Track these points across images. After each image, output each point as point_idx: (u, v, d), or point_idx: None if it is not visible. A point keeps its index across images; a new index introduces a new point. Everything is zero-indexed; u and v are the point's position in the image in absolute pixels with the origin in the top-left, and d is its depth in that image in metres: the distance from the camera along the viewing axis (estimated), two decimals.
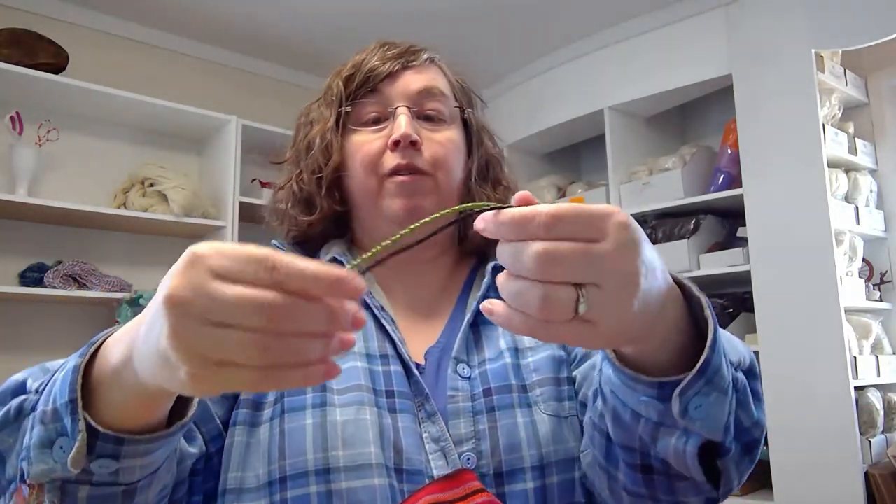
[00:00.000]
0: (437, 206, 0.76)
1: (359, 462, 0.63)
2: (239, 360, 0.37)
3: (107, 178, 2.68)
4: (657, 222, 2.71)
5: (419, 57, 0.81)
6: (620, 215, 0.42)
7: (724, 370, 0.50)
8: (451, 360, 0.71)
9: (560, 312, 0.41)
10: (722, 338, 0.54)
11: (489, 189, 0.83)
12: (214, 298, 0.36)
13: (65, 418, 0.47)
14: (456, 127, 0.81)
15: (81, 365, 0.48)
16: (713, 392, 0.49)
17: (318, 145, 0.79)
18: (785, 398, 2.23)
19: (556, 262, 0.40)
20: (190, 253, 0.38)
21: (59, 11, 2.70)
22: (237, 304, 0.36)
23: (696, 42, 2.62)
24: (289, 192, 0.82)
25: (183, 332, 0.37)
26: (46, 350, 2.52)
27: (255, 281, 0.36)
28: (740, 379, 0.54)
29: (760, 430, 0.57)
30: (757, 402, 0.57)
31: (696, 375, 0.48)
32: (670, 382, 0.49)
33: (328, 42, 2.97)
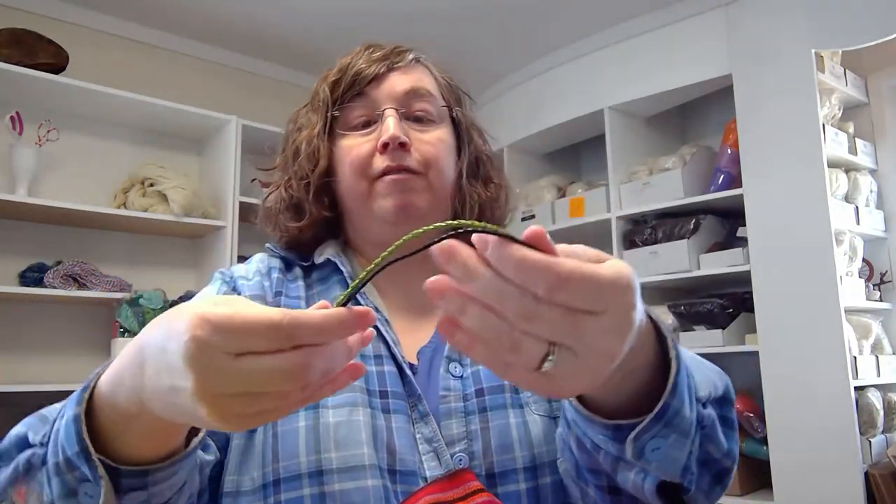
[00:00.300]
0: (430, 204, 0.76)
1: (352, 463, 0.63)
2: (280, 407, 0.40)
3: (107, 178, 2.68)
4: (657, 222, 2.71)
5: (404, 58, 0.80)
6: (629, 293, 0.37)
7: (685, 412, 0.48)
8: (444, 360, 0.71)
9: (525, 362, 0.37)
10: (691, 369, 0.53)
11: (480, 187, 0.83)
12: (245, 377, 0.38)
13: (81, 466, 0.47)
14: (445, 126, 0.81)
15: (81, 413, 0.48)
16: (672, 434, 0.47)
17: (305, 151, 0.79)
18: (785, 398, 2.23)
19: (543, 322, 0.36)
20: (191, 338, 0.38)
21: (59, 11, 2.70)
22: (272, 377, 0.38)
23: (696, 42, 2.62)
24: (278, 197, 0.82)
25: (222, 407, 0.38)
26: (46, 350, 2.52)
27: (274, 350, 0.38)
28: (707, 415, 0.52)
29: (732, 460, 0.56)
30: (728, 431, 0.56)
31: (653, 420, 0.46)
32: (626, 425, 0.47)
33: (328, 42, 2.97)
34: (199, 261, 2.90)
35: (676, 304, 2.60)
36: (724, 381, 0.59)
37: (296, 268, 0.80)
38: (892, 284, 2.49)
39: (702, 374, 0.57)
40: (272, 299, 0.75)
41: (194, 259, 2.92)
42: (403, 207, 0.74)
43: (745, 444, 2.38)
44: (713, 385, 0.56)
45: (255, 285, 0.75)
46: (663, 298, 2.72)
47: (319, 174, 0.78)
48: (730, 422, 0.57)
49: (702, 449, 0.52)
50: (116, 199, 2.62)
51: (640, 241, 2.72)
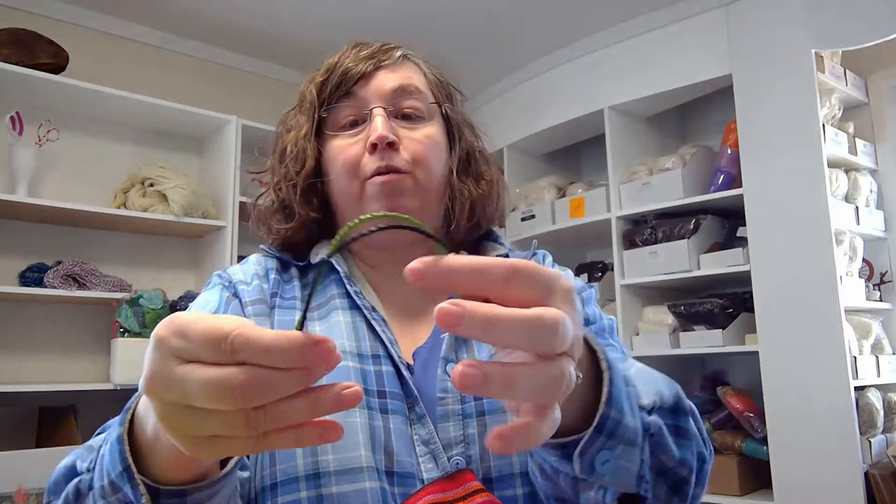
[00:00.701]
0: (420, 204, 0.76)
1: (349, 466, 0.62)
2: (226, 434, 0.36)
3: (107, 178, 2.68)
4: (657, 222, 2.71)
5: (392, 55, 0.79)
6: (565, 282, 0.38)
7: (627, 421, 0.48)
8: (440, 360, 0.70)
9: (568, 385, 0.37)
10: (635, 378, 0.53)
11: (472, 184, 0.82)
12: (182, 384, 0.36)
13: (124, 487, 0.47)
14: (435, 123, 0.80)
15: (124, 433, 0.48)
16: (619, 445, 0.47)
17: (290, 153, 0.79)
18: (785, 398, 2.23)
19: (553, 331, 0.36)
20: (154, 335, 0.38)
21: (59, 11, 2.70)
22: (204, 390, 0.35)
23: (696, 42, 2.62)
24: (268, 200, 0.82)
25: (166, 416, 0.37)
26: (46, 350, 2.52)
27: (217, 361, 0.35)
28: (653, 422, 0.52)
29: (688, 469, 0.55)
30: (682, 440, 0.55)
31: (594, 433, 0.46)
32: (570, 442, 0.48)
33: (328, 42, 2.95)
34: (199, 261, 2.90)
35: (676, 304, 2.60)
36: (674, 391, 0.58)
37: (292, 268, 0.80)
38: (892, 284, 2.49)
39: (647, 382, 0.56)
40: (269, 300, 0.75)
41: (194, 259, 2.92)
42: (393, 209, 0.74)
43: (745, 444, 2.38)
44: (658, 393, 0.55)
45: (255, 289, 0.75)
46: (663, 298, 2.72)
47: (305, 175, 0.78)
48: (683, 431, 0.56)
49: (654, 457, 0.52)
50: (116, 199, 2.62)
51: (640, 241, 2.72)
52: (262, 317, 0.73)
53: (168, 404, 0.37)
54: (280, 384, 0.35)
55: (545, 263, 0.84)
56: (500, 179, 0.86)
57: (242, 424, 0.35)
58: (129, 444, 0.48)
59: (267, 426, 0.36)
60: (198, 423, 0.36)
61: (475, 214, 0.82)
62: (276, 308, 0.74)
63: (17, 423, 2.40)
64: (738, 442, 2.40)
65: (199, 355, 0.36)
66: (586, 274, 3.06)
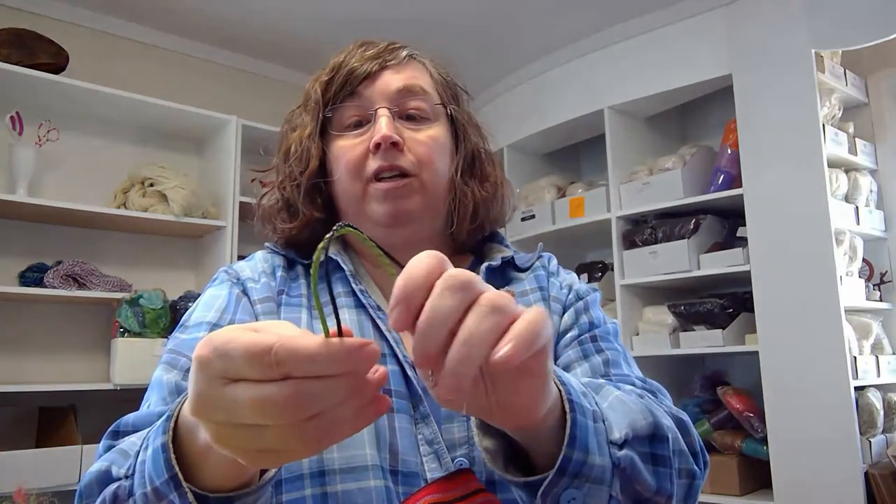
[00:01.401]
0: (423, 207, 0.76)
1: (354, 464, 0.62)
2: (284, 448, 0.37)
3: (107, 178, 2.68)
4: (657, 222, 2.71)
5: (398, 55, 0.79)
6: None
7: (593, 460, 0.48)
8: None
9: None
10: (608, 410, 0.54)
11: (476, 185, 0.81)
12: (231, 405, 0.36)
13: (170, 494, 0.47)
14: (440, 124, 0.80)
15: (168, 441, 0.47)
16: (585, 484, 0.48)
17: (295, 153, 0.79)
18: (785, 398, 2.23)
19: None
20: (195, 357, 0.38)
21: (59, 11, 2.70)
22: (254, 409, 0.35)
23: (696, 42, 2.62)
24: (272, 198, 0.82)
25: (220, 437, 0.38)
26: (46, 350, 2.52)
27: (263, 378, 0.36)
28: (624, 457, 0.52)
29: (666, 496, 0.55)
30: (659, 469, 0.55)
31: (556, 474, 0.47)
32: (535, 482, 0.48)
33: (328, 42, 2.95)
34: (199, 261, 2.90)
35: (676, 304, 2.60)
36: (651, 419, 0.57)
37: (297, 266, 0.80)
38: (892, 284, 2.49)
39: (622, 414, 0.56)
40: (276, 297, 0.75)
41: (194, 259, 2.92)
42: (397, 214, 0.74)
43: (745, 444, 2.38)
44: (631, 426, 0.55)
45: (263, 287, 0.75)
46: (663, 298, 2.72)
47: (309, 175, 0.78)
48: (661, 459, 0.56)
49: (629, 489, 0.52)
50: (116, 199, 2.62)
51: (640, 241, 2.72)
52: (271, 315, 0.73)
53: (220, 425, 0.37)
54: (328, 393, 0.36)
55: (550, 266, 0.84)
56: (505, 181, 0.86)
57: (297, 436, 0.36)
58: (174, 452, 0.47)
59: (321, 434, 0.36)
60: (253, 440, 0.36)
61: (479, 216, 0.81)
62: (283, 306, 0.74)
63: (17, 423, 2.40)
64: (738, 442, 2.40)
65: (244, 373, 0.36)
66: (586, 274, 3.06)
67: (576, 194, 3.03)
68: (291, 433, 0.36)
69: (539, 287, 0.80)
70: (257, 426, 0.36)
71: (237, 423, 0.36)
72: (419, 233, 0.77)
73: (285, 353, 0.35)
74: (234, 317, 0.71)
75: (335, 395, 0.36)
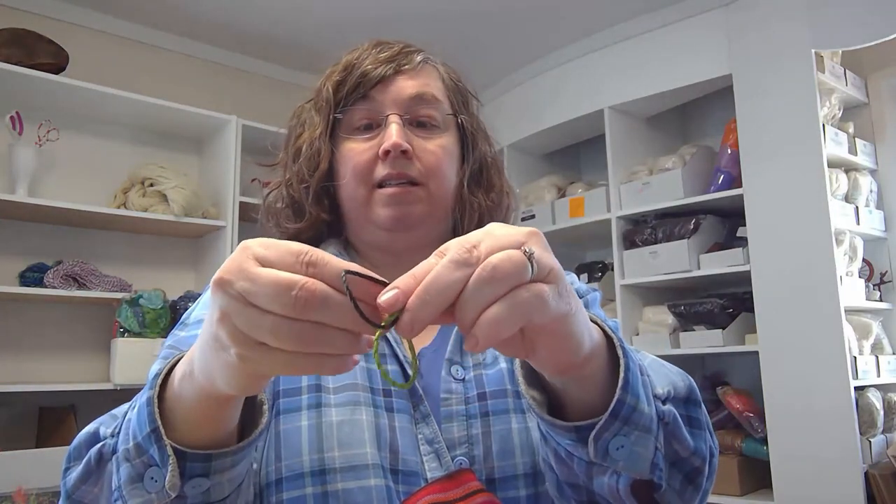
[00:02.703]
0: (428, 214, 0.76)
1: (354, 463, 0.63)
2: (272, 343, 0.39)
3: (107, 178, 2.68)
4: (657, 222, 2.71)
5: (412, 60, 0.78)
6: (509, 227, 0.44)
7: (643, 407, 0.49)
8: (445, 362, 0.70)
9: (518, 267, 0.40)
10: (649, 368, 0.55)
11: (482, 195, 0.81)
12: (253, 281, 0.38)
13: (150, 448, 0.48)
14: (449, 133, 0.79)
15: (154, 395, 0.49)
16: (634, 431, 0.48)
17: (306, 153, 0.78)
18: (785, 398, 2.23)
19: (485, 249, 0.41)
20: (241, 244, 0.41)
21: (59, 11, 2.70)
22: (270, 286, 0.38)
23: (696, 42, 2.62)
24: (278, 196, 0.82)
25: (228, 312, 0.39)
26: (46, 350, 2.52)
27: (293, 270, 0.39)
28: (668, 411, 0.53)
29: (701, 459, 0.56)
30: (695, 431, 0.56)
31: (609, 418, 0.47)
32: (586, 426, 0.48)
33: (328, 42, 2.97)
34: (199, 261, 2.90)
35: (676, 304, 2.60)
36: (687, 382, 0.59)
37: None
38: (892, 284, 2.49)
39: (660, 374, 0.58)
40: None
41: (194, 259, 2.92)
42: (400, 218, 0.74)
43: (745, 444, 2.38)
44: (672, 384, 0.57)
45: None
46: (663, 298, 2.72)
47: (319, 178, 0.78)
48: (696, 422, 0.58)
49: (668, 447, 0.53)
50: (116, 199, 2.62)
51: (640, 241, 2.72)
52: None
53: (232, 298, 0.39)
54: (336, 307, 0.38)
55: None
56: (510, 188, 0.86)
57: (288, 332, 0.38)
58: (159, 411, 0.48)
59: (309, 345, 0.39)
60: (252, 320, 0.39)
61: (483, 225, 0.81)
62: None
63: (17, 423, 2.40)
64: (738, 442, 2.40)
65: (277, 263, 0.39)
66: (586, 274, 3.06)
67: (576, 194, 3.03)
68: (286, 327, 0.38)
69: None
70: (262, 310, 0.38)
71: (247, 303, 0.39)
72: (422, 238, 0.77)
73: (319, 257, 0.39)
74: None
75: (345, 312, 0.39)
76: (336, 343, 0.39)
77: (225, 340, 0.40)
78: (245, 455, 0.51)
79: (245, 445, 0.50)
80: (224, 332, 0.40)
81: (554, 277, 0.42)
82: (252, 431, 0.51)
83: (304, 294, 0.38)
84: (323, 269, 0.39)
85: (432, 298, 0.39)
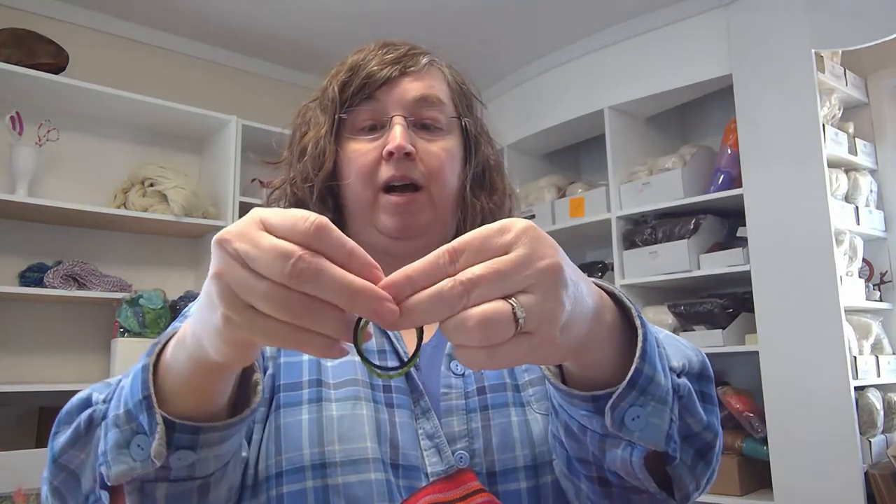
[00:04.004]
0: (431, 220, 0.76)
1: (355, 457, 0.63)
2: (262, 308, 0.38)
3: (107, 178, 2.68)
4: (657, 222, 2.71)
5: (418, 61, 0.79)
6: (519, 222, 0.42)
7: (659, 378, 0.49)
8: (445, 357, 0.71)
9: (501, 329, 0.39)
10: (663, 342, 0.54)
11: (485, 197, 0.82)
12: (254, 244, 0.39)
13: (139, 416, 0.48)
14: (453, 136, 0.80)
15: (150, 364, 0.49)
16: (650, 402, 0.48)
17: (311, 153, 0.79)
18: (785, 398, 2.24)
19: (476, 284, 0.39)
20: (215, 241, 0.41)
21: (59, 11, 2.70)
22: (269, 252, 0.38)
23: (696, 42, 2.62)
24: (282, 195, 0.82)
25: (223, 270, 0.40)
26: (46, 350, 2.52)
27: (295, 239, 0.39)
28: (683, 384, 0.53)
29: (713, 434, 0.57)
30: (707, 406, 0.57)
31: (627, 387, 0.47)
32: (603, 395, 0.48)
33: (328, 42, 2.97)
34: (199, 261, 2.90)
35: (676, 304, 2.60)
36: (700, 358, 0.60)
37: None
38: (892, 284, 2.49)
39: (675, 348, 0.58)
40: None
41: (194, 259, 2.92)
42: (405, 227, 0.75)
43: (745, 444, 2.38)
44: (686, 358, 0.57)
45: None
46: (663, 298, 2.72)
47: (324, 177, 0.78)
48: (709, 397, 0.58)
49: (681, 420, 0.53)
50: (116, 199, 2.62)
51: (640, 241, 2.72)
52: None
53: (230, 257, 0.39)
54: (333, 281, 0.38)
55: None
56: (512, 190, 0.87)
57: (281, 303, 0.38)
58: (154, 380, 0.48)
59: (299, 317, 0.38)
60: (245, 285, 0.39)
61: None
62: None
63: (17, 423, 2.40)
64: (738, 442, 2.40)
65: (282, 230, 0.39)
66: (586, 274, 3.05)
67: (576, 194, 3.03)
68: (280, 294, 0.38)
69: None
70: (258, 275, 0.38)
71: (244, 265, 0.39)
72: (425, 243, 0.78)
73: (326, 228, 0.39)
74: None
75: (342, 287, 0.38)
76: (325, 318, 0.39)
77: (215, 299, 0.40)
78: (234, 433, 0.51)
79: (234, 422, 0.50)
80: (216, 289, 0.40)
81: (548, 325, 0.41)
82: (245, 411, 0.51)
83: (301, 265, 0.37)
84: (330, 241, 0.39)
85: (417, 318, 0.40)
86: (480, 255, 0.41)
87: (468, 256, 0.40)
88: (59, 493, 0.56)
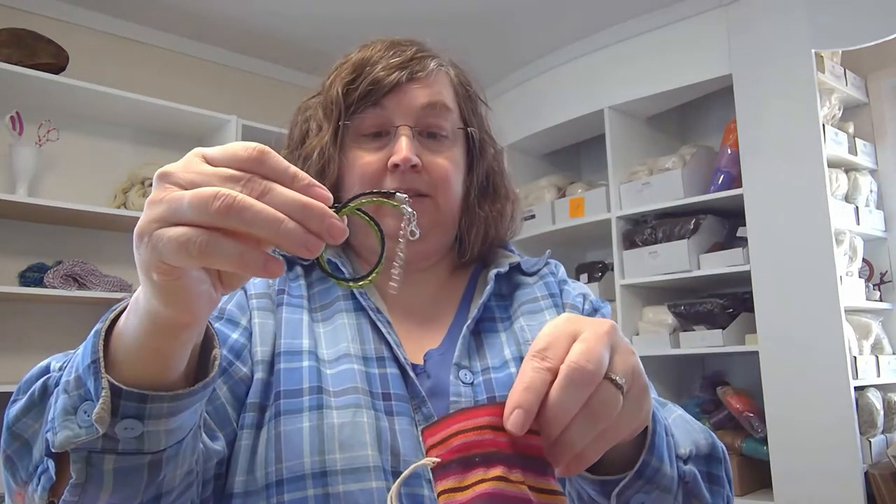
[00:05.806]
0: (434, 224, 0.76)
1: (356, 465, 0.62)
2: (190, 214, 0.39)
3: (107, 178, 2.68)
4: (657, 222, 2.71)
5: (426, 66, 0.77)
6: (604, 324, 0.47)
7: (665, 469, 0.51)
8: (453, 366, 0.70)
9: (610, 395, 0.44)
10: (673, 426, 0.57)
11: (488, 205, 0.82)
12: (199, 173, 0.41)
13: (88, 381, 0.46)
14: (458, 144, 0.80)
15: (103, 329, 0.47)
16: (654, 490, 0.51)
17: (316, 162, 0.77)
18: (785, 398, 2.23)
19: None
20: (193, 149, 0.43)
21: (59, 11, 2.70)
22: (213, 177, 0.40)
23: (696, 42, 2.62)
24: None
25: (157, 198, 0.40)
26: (46, 350, 2.51)
27: (237, 166, 0.41)
28: (689, 471, 0.56)
29: None
30: (714, 487, 0.59)
31: (634, 476, 0.50)
32: (612, 481, 0.51)
33: (328, 42, 2.97)
34: None
35: (676, 304, 2.60)
36: (710, 440, 0.62)
37: (297, 266, 0.79)
38: (892, 284, 2.49)
39: (685, 432, 0.60)
40: (275, 297, 0.74)
41: None
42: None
43: (745, 444, 2.38)
44: (694, 443, 0.60)
45: (261, 283, 0.74)
46: (663, 298, 2.72)
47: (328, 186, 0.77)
48: (716, 478, 0.60)
49: (687, 502, 0.56)
50: (116, 199, 2.62)
51: (640, 241, 2.72)
52: (266, 311, 0.72)
53: (168, 182, 0.41)
54: (289, 196, 0.40)
55: (558, 274, 0.85)
56: (515, 195, 0.86)
57: (213, 207, 0.38)
58: (105, 349, 0.47)
59: (229, 219, 0.38)
60: (176, 203, 0.39)
61: (489, 236, 0.83)
62: (285, 306, 0.73)
63: None
64: (738, 442, 2.40)
65: (225, 161, 0.41)
66: (586, 274, 3.06)
67: (576, 194, 3.03)
68: (211, 203, 0.38)
69: (550, 294, 0.81)
70: (194, 183, 0.40)
71: (185, 174, 0.41)
72: (426, 247, 0.78)
73: (268, 155, 0.41)
74: (226, 306, 0.71)
75: (283, 199, 0.40)
76: (264, 225, 0.39)
77: (144, 225, 0.40)
78: (185, 406, 0.48)
79: (183, 394, 0.48)
80: (148, 215, 0.40)
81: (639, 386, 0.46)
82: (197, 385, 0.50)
83: (252, 184, 0.39)
84: (271, 163, 0.40)
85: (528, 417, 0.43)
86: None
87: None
88: (11, 462, 0.53)
